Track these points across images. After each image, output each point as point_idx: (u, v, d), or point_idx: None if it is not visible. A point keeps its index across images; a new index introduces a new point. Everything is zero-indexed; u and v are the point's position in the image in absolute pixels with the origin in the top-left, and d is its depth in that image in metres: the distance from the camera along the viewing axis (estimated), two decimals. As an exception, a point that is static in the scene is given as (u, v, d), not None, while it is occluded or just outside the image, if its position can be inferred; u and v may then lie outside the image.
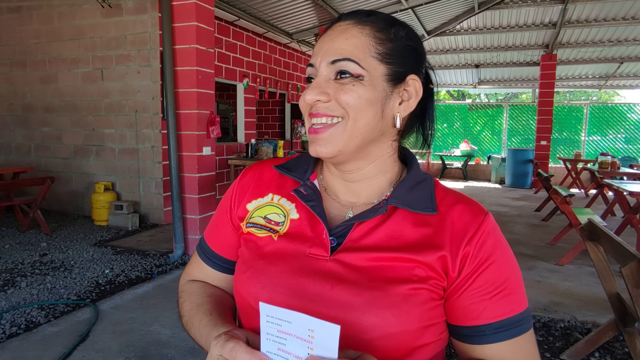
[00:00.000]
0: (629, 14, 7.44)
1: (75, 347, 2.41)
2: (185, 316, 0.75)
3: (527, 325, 0.64)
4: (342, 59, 0.64)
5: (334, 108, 0.64)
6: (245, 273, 0.69)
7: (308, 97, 0.65)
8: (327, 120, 0.65)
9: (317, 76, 0.66)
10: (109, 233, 4.91)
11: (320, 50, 0.66)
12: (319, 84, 0.65)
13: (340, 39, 0.65)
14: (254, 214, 0.74)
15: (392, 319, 0.60)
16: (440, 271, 0.63)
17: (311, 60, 0.68)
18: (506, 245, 0.67)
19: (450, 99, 19.24)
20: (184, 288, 0.82)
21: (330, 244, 0.66)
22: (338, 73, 0.64)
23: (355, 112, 0.64)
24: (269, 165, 0.80)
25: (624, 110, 10.39)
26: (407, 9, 7.16)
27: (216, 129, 4.16)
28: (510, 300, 0.63)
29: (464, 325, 0.64)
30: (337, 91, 0.64)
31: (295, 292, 0.64)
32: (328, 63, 0.65)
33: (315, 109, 0.66)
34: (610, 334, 2.33)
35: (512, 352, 0.63)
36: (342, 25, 0.67)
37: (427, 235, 0.65)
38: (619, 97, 19.24)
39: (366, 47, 0.64)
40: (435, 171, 11.31)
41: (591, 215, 4.33)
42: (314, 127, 0.66)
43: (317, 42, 0.69)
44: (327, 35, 0.67)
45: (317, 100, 0.65)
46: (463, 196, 0.71)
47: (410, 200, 0.67)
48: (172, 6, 3.89)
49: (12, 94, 6.14)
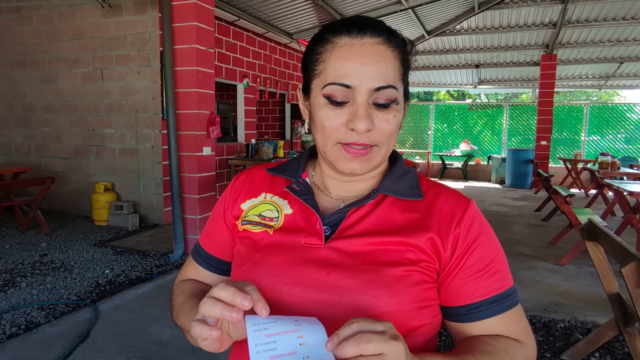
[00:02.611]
0: (629, 14, 7.44)
1: (75, 347, 2.41)
2: (177, 307, 0.77)
3: (516, 299, 0.69)
4: (387, 87, 0.64)
5: (375, 138, 0.66)
6: (243, 266, 0.71)
7: (363, 125, 0.63)
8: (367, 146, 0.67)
9: (355, 100, 0.64)
10: (109, 233, 4.91)
11: (359, 71, 0.63)
12: (367, 112, 0.64)
13: (381, 62, 0.64)
14: (248, 213, 0.76)
15: (386, 298, 0.62)
16: (430, 253, 0.67)
17: (344, 81, 0.64)
18: (489, 228, 0.72)
19: (450, 99, 19.25)
20: (177, 286, 0.84)
21: (324, 233, 0.69)
22: (379, 100, 0.64)
23: (390, 138, 0.68)
24: (261, 168, 0.83)
25: (624, 110, 10.39)
26: (407, 9, 7.15)
27: (216, 129, 4.16)
28: (499, 276, 0.68)
29: (460, 305, 0.67)
30: (380, 121, 0.65)
31: (293, 280, 0.66)
32: (372, 89, 0.64)
33: (359, 138, 0.65)
34: (611, 334, 2.33)
35: (506, 323, 0.67)
36: (373, 42, 0.65)
37: (415, 220, 0.69)
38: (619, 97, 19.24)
39: (398, 70, 0.67)
40: (435, 171, 11.31)
41: (591, 215, 4.32)
42: (354, 150, 0.66)
43: (342, 56, 0.65)
44: (363, 56, 0.64)
45: (367, 130, 0.64)
46: (446, 186, 0.75)
47: (397, 189, 0.72)
48: (172, 6, 3.89)
49: (12, 94, 6.14)
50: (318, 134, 0.69)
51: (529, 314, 2.94)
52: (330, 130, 0.66)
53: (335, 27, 0.67)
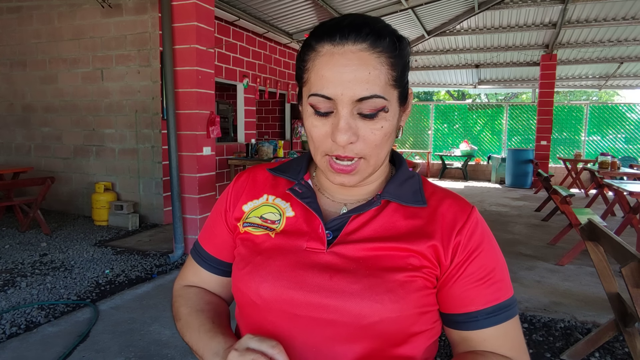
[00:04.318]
0: (629, 14, 7.45)
1: (75, 347, 2.41)
2: (182, 320, 0.76)
3: (514, 310, 0.68)
4: (369, 97, 0.61)
5: (359, 150, 0.64)
6: (244, 269, 0.70)
7: (342, 138, 0.61)
8: (353, 160, 0.65)
9: (337, 111, 0.62)
10: (109, 233, 4.91)
11: (339, 82, 0.60)
12: (349, 125, 0.61)
13: (361, 71, 0.60)
14: (250, 215, 0.75)
15: (389, 304, 0.62)
16: (432, 260, 0.66)
17: (324, 92, 0.61)
18: (492, 236, 0.71)
19: (450, 99, 19.25)
20: (180, 293, 0.82)
21: (327, 237, 0.68)
22: (363, 111, 0.62)
23: (379, 149, 0.65)
24: (262, 168, 0.82)
25: (624, 110, 10.39)
26: (407, 9, 7.15)
27: (216, 129, 4.16)
28: (499, 286, 0.67)
29: (457, 312, 0.67)
30: (365, 132, 0.63)
31: (295, 284, 0.65)
32: (353, 100, 0.61)
33: (343, 151, 0.63)
34: (611, 334, 2.33)
35: (502, 335, 0.67)
36: (354, 50, 0.61)
37: (418, 226, 0.69)
38: (619, 97, 19.24)
39: (385, 76, 0.62)
40: (435, 171, 11.31)
41: (591, 215, 4.33)
42: (339, 166, 0.65)
43: (323, 65, 0.62)
44: (343, 65, 0.60)
45: (349, 142, 0.62)
46: (450, 192, 0.75)
47: (401, 195, 0.71)
48: (172, 6, 3.89)
49: (12, 94, 6.14)
50: (309, 141, 0.68)
51: (528, 314, 2.94)
52: (317, 141, 0.65)
53: (319, 34, 0.64)
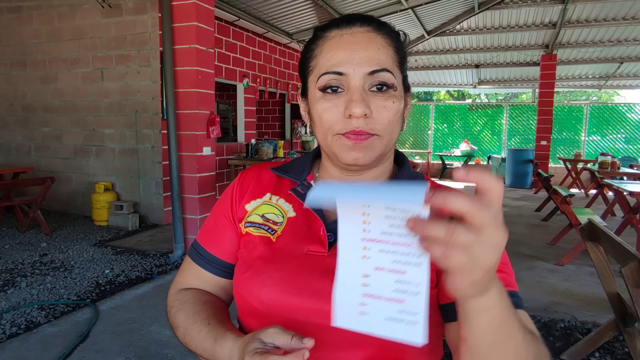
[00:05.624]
0: (629, 14, 7.44)
1: (75, 347, 2.41)
2: (181, 327, 0.72)
3: (520, 301, 0.66)
4: (381, 70, 0.63)
5: (373, 126, 0.63)
6: (245, 273, 0.69)
7: (358, 109, 0.61)
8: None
9: (349, 86, 0.63)
10: (109, 233, 4.91)
11: (350, 58, 0.63)
12: (363, 97, 0.62)
13: (372, 47, 0.64)
14: (252, 214, 0.74)
15: None
16: None
17: (336, 68, 0.64)
18: None
19: (450, 99, 19.25)
20: (175, 297, 0.77)
21: (328, 240, 0.67)
22: (375, 85, 0.63)
23: (391, 128, 0.66)
24: (266, 167, 0.81)
25: (624, 110, 10.38)
26: (407, 9, 7.15)
27: (216, 129, 4.16)
28: (503, 276, 0.65)
29: None
30: (377, 107, 0.63)
31: (296, 290, 0.64)
32: (366, 74, 0.63)
33: (357, 124, 0.63)
34: (611, 334, 2.33)
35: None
36: (362, 31, 0.65)
37: None
38: (619, 97, 19.23)
39: (392, 56, 0.66)
40: (435, 171, 11.30)
41: (591, 215, 4.32)
42: (353, 138, 0.64)
43: (333, 46, 0.65)
44: (353, 43, 0.64)
45: (364, 115, 0.62)
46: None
47: None
48: (172, 6, 3.89)
49: (12, 94, 6.14)
50: (317, 128, 0.68)
51: (528, 314, 2.93)
52: (328, 123, 0.65)
53: (325, 25, 0.68)
